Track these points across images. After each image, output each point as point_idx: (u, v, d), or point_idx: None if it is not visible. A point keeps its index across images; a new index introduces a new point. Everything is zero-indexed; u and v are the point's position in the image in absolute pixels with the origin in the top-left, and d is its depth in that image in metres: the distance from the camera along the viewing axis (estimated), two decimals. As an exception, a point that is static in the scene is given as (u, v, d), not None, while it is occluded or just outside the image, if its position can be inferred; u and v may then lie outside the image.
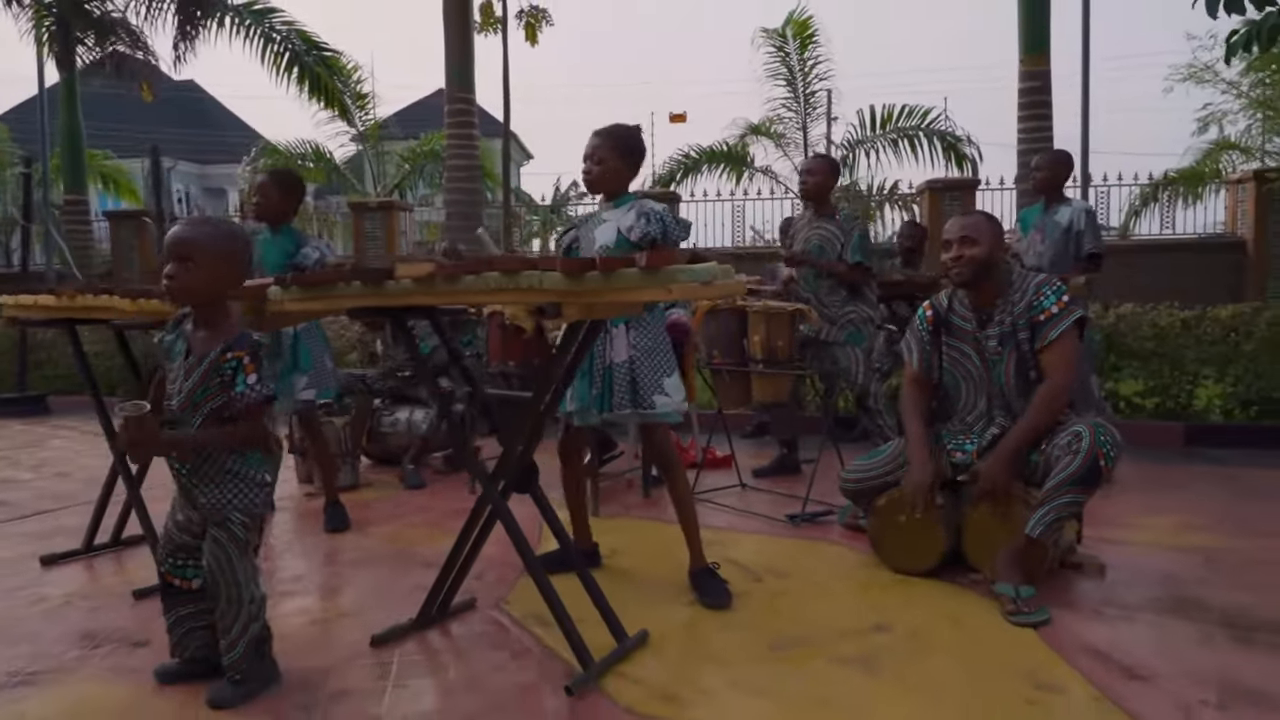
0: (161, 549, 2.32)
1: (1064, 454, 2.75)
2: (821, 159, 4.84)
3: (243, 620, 2.19)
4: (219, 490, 2.20)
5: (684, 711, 2.14)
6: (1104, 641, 2.52)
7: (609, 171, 2.95)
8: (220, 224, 2.39)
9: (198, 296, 2.23)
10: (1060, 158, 4.89)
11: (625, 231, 2.89)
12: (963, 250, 3.00)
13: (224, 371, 2.16)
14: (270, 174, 4.25)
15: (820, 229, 4.49)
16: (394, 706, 2.19)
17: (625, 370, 2.86)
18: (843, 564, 3.31)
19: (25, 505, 4.49)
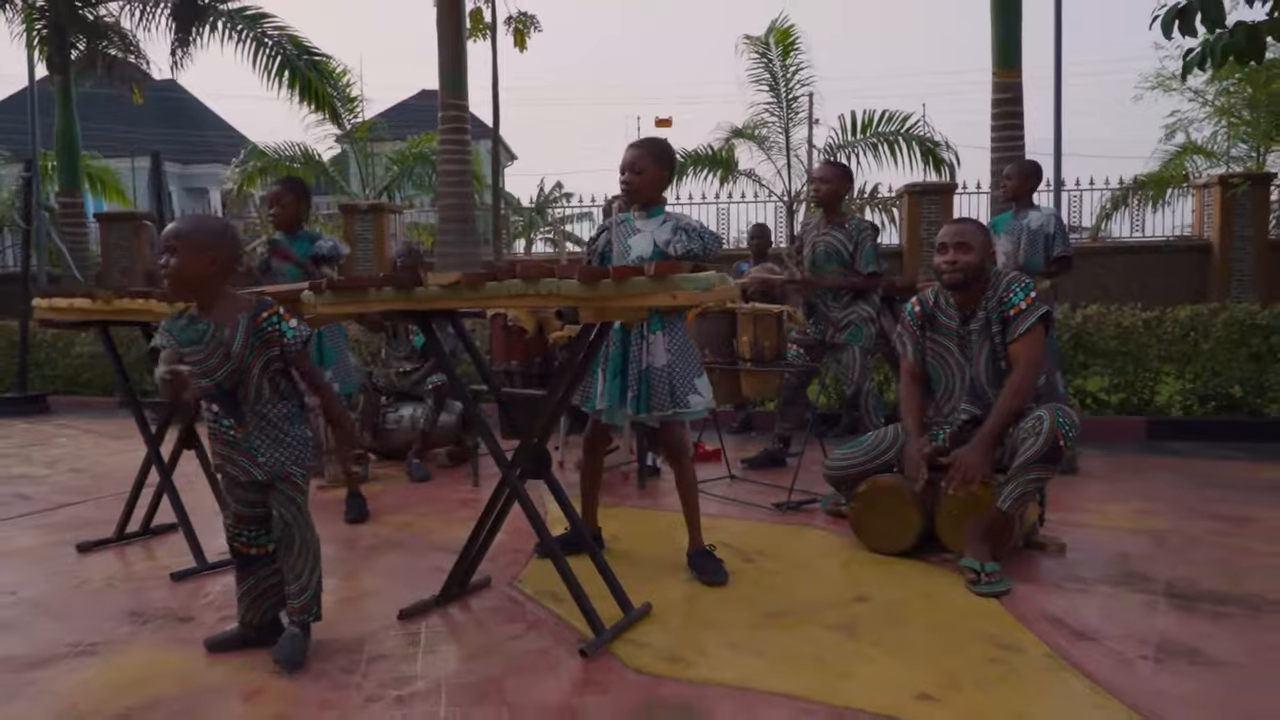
0: (231, 528, 2.55)
1: (1028, 436, 3.04)
2: (833, 166, 4.94)
3: (312, 563, 2.46)
4: (277, 449, 2.45)
5: (688, 670, 2.40)
6: (1060, 610, 2.81)
7: (649, 181, 3.14)
8: (203, 218, 2.58)
9: (190, 283, 2.44)
10: (1029, 168, 5.18)
11: (663, 245, 3.07)
12: (958, 256, 3.28)
13: (265, 330, 2.40)
14: (282, 183, 4.48)
15: (829, 235, 4.71)
16: (427, 668, 2.44)
17: (664, 374, 3.07)
18: (826, 545, 3.59)
19: (48, 499, 4.69)
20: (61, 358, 9.12)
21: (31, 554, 3.65)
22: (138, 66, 12.32)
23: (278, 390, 2.48)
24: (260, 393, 2.46)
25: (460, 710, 2.19)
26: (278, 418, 2.47)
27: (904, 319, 3.58)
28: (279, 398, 2.49)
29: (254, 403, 2.46)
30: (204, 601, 3.03)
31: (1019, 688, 2.27)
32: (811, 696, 2.23)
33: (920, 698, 2.21)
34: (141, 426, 3.68)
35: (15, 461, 5.84)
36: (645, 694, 2.27)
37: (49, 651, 2.59)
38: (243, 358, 2.42)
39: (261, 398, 2.46)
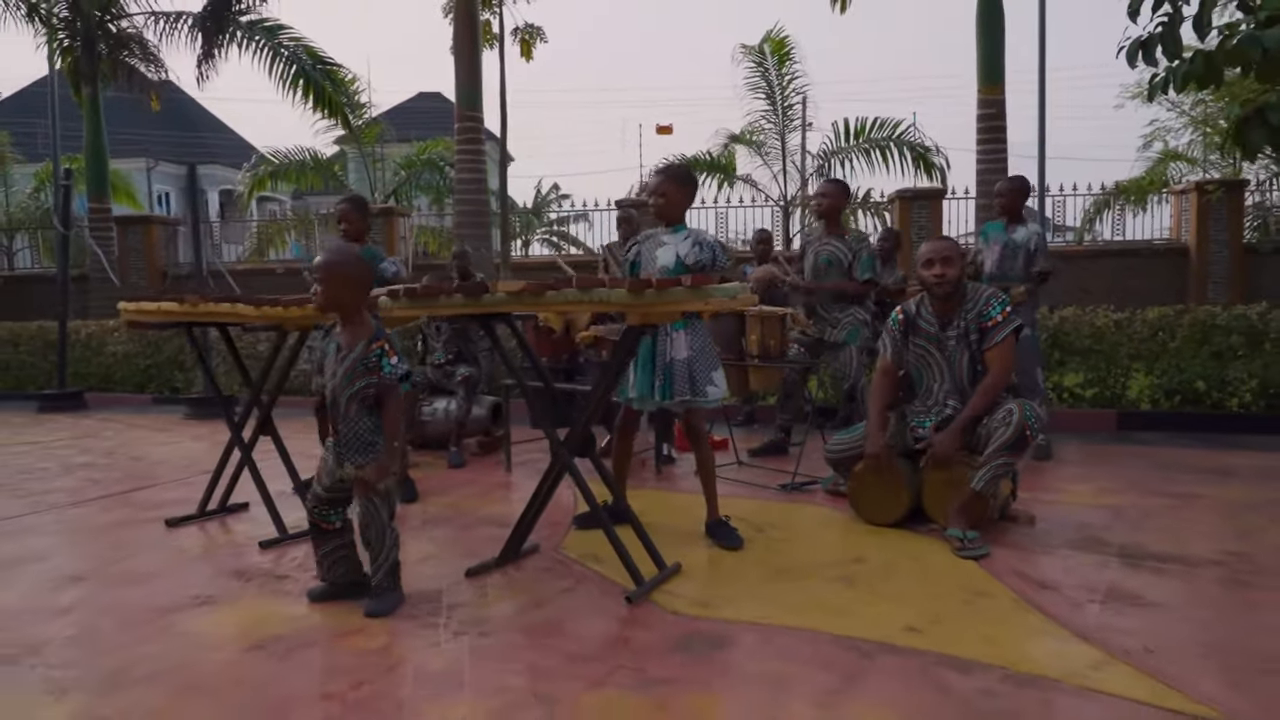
0: (313, 504, 3.02)
1: (999, 426, 3.55)
2: (834, 183, 5.41)
3: (385, 551, 2.93)
4: (360, 455, 2.93)
5: (716, 612, 2.90)
6: (1026, 567, 3.32)
7: (672, 203, 3.68)
8: (342, 252, 3.04)
9: (334, 306, 2.96)
10: (1019, 185, 5.67)
11: (683, 257, 3.63)
12: (945, 270, 3.78)
13: (369, 360, 2.88)
14: (348, 201, 4.91)
15: (830, 245, 5.18)
16: (498, 612, 2.93)
17: (685, 366, 3.58)
18: (826, 519, 4.10)
19: (119, 483, 5.16)
20: (95, 356, 9.59)
21: (125, 528, 4.12)
22: (158, 76, 12.76)
23: (366, 409, 2.91)
24: (349, 410, 2.91)
25: (533, 640, 2.69)
26: (364, 429, 2.92)
27: (888, 325, 4.09)
28: (367, 415, 2.92)
29: (345, 417, 2.93)
30: (294, 564, 3.52)
31: (988, 622, 2.78)
32: (818, 629, 2.73)
33: (907, 629, 2.71)
34: (227, 415, 4.13)
35: (75, 452, 6.31)
36: (683, 629, 2.76)
37: (175, 602, 3.07)
38: (344, 377, 2.90)
39: (350, 414, 2.92)
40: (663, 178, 3.69)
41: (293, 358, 4.06)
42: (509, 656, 2.58)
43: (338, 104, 13.37)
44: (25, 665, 2.56)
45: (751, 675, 2.43)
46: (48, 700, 2.33)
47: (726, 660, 2.54)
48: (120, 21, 12.10)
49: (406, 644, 2.68)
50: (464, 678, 2.43)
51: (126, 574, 3.41)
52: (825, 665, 2.48)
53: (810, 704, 2.24)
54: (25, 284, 15.15)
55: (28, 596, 3.18)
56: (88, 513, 4.45)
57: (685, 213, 3.77)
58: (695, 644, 2.64)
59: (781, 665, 2.49)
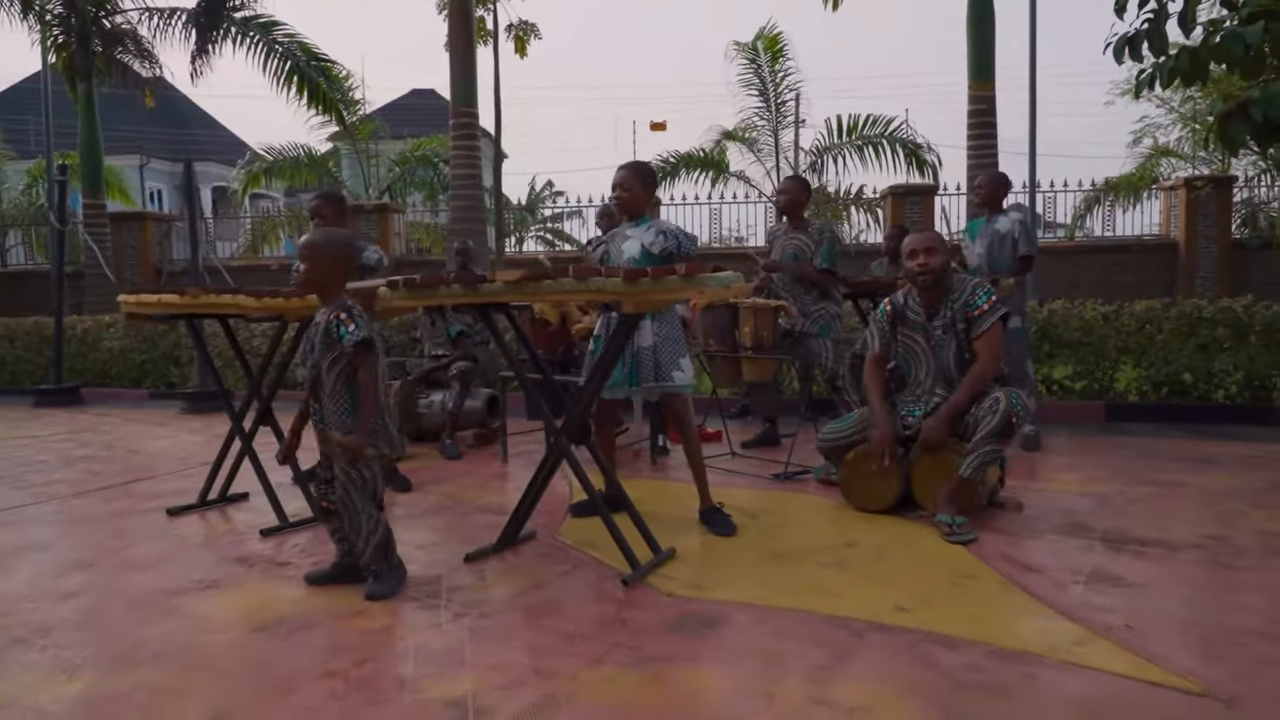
0: (315, 483, 3.09)
1: (986, 414, 3.62)
2: (792, 180, 5.63)
3: (364, 534, 2.97)
4: (339, 431, 2.97)
5: (710, 594, 2.97)
6: (1013, 551, 3.40)
7: (635, 198, 3.78)
8: (328, 234, 3.11)
9: (314, 285, 3.01)
10: (998, 178, 5.77)
11: (648, 246, 3.71)
12: (928, 260, 3.86)
13: (331, 332, 2.93)
14: (321, 197, 4.98)
15: (795, 239, 5.33)
16: (496, 595, 3.00)
17: (650, 353, 3.67)
18: (819, 507, 4.17)
19: (119, 475, 5.21)
20: (90, 351, 9.61)
21: (126, 518, 4.17)
22: (152, 72, 12.76)
23: (344, 382, 2.95)
24: (328, 383, 2.97)
25: (532, 621, 2.76)
26: (342, 403, 2.96)
27: (874, 316, 4.17)
28: (344, 388, 2.95)
29: (325, 390, 2.99)
30: (295, 550, 3.58)
31: (975, 602, 2.85)
32: (811, 610, 2.80)
33: (896, 609, 2.78)
34: (227, 405, 4.17)
35: (73, 445, 6.35)
36: (678, 610, 2.83)
37: (180, 587, 3.13)
38: (319, 351, 2.96)
39: (329, 388, 2.97)
40: (627, 173, 3.78)
41: (292, 349, 4.11)
42: (508, 636, 2.64)
43: (332, 101, 13.40)
44: (36, 646, 2.61)
45: (745, 652, 2.50)
46: (60, 678, 2.39)
47: (720, 639, 2.61)
48: (114, 17, 12.11)
49: (408, 625, 2.75)
50: (465, 656, 2.49)
51: (130, 561, 3.47)
52: (817, 643, 2.55)
53: (803, 679, 2.31)
54: (19, 280, 15.16)
55: (34, 582, 3.23)
56: (89, 503, 4.50)
57: (647, 207, 3.86)
58: (689, 624, 2.71)
59: (774, 643, 2.56)
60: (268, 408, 4.12)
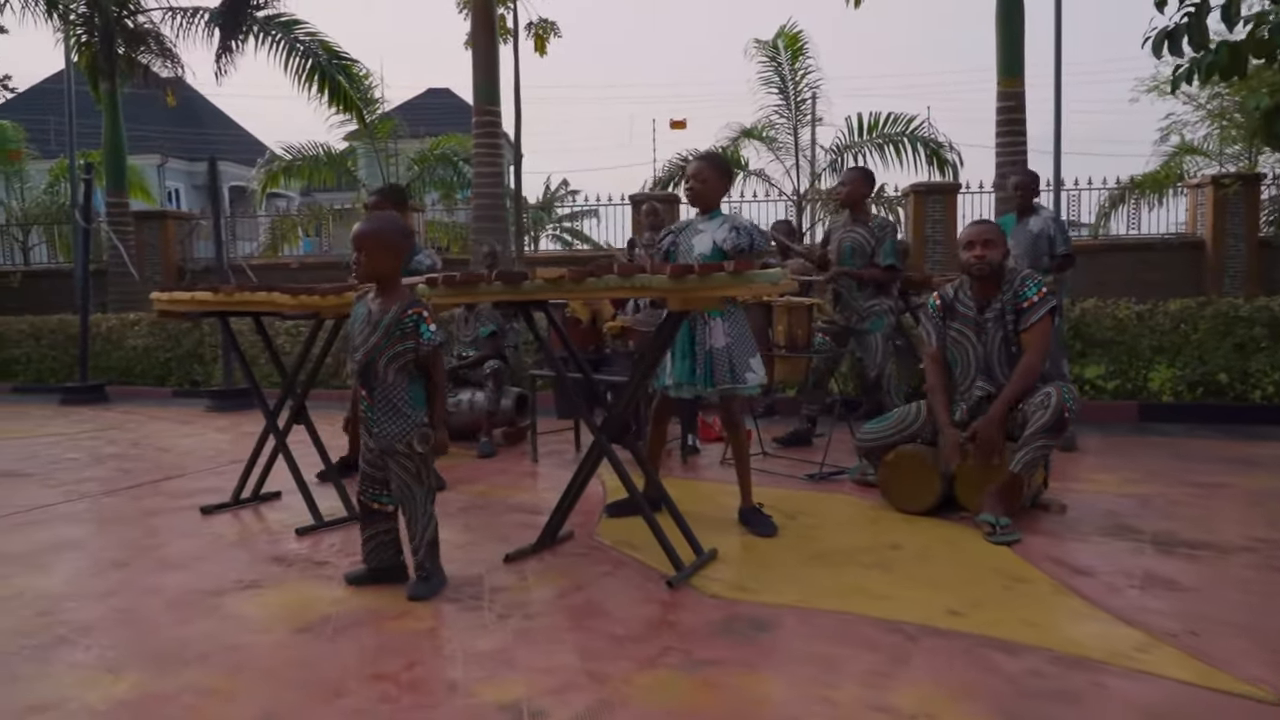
0: (361, 484, 3.06)
1: (1037, 409, 3.56)
2: (856, 170, 5.43)
3: (421, 528, 2.95)
4: (389, 423, 2.94)
5: (755, 596, 2.92)
6: (1061, 553, 3.34)
7: (710, 189, 3.70)
8: (383, 220, 3.06)
9: (373, 275, 2.98)
10: (1031, 180, 5.71)
11: (720, 243, 3.63)
12: (985, 251, 3.79)
13: (405, 325, 2.90)
14: (381, 192, 5.00)
15: (854, 233, 5.19)
16: (540, 596, 2.96)
17: (724, 354, 3.59)
18: (857, 507, 4.11)
19: (149, 473, 5.20)
20: (115, 350, 9.64)
21: (160, 516, 4.16)
22: (174, 72, 12.81)
23: (404, 375, 2.93)
24: (386, 375, 2.94)
25: (577, 623, 2.72)
26: (398, 399, 2.94)
27: (926, 310, 4.10)
28: (404, 382, 2.94)
29: (381, 382, 2.95)
30: (332, 550, 3.55)
31: (1029, 606, 2.80)
32: (860, 612, 2.75)
33: (949, 613, 2.73)
34: (261, 403, 4.15)
35: (102, 443, 6.36)
36: (724, 612, 2.79)
37: (219, 586, 3.10)
38: (379, 342, 2.93)
39: (386, 380, 2.94)
40: (703, 163, 3.71)
41: (327, 347, 4.09)
42: (556, 638, 2.61)
43: (353, 99, 13.40)
44: (80, 645, 2.59)
45: (797, 656, 2.46)
46: (106, 678, 2.37)
47: (771, 642, 2.56)
48: (137, 17, 12.16)
49: (453, 626, 2.71)
50: (514, 658, 2.46)
51: (166, 559, 3.45)
52: (870, 647, 2.50)
53: (860, 684, 2.27)
54: (42, 279, 15.25)
55: (72, 581, 3.22)
56: (121, 501, 4.50)
57: (721, 199, 3.79)
58: (737, 626, 2.67)
59: (826, 647, 2.51)
60: (302, 406, 4.10)
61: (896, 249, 5.10)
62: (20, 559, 3.47)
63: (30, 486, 4.87)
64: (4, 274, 15.12)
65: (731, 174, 3.79)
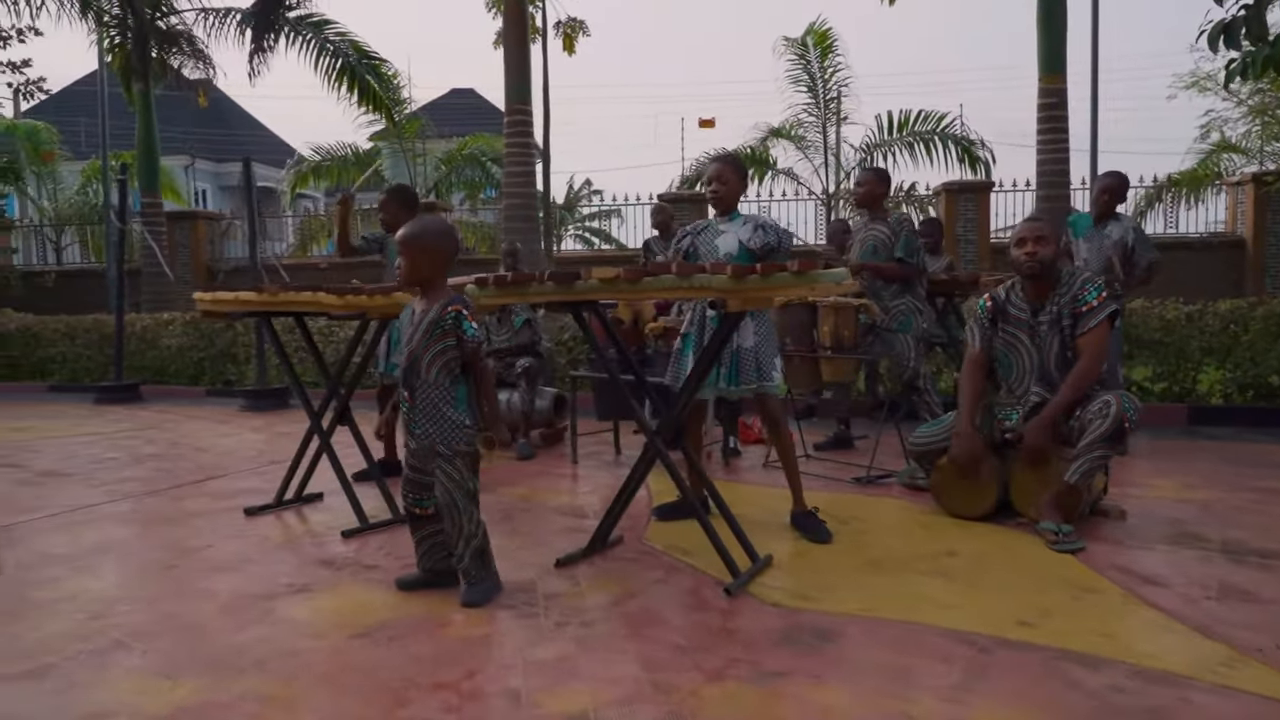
0: (404, 489, 3.00)
1: (1095, 418, 3.46)
2: (869, 171, 5.40)
3: (464, 536, 2.89)
4: (430, 426, 2.88)
5: (816, 604, 2.85)
6: (1127, 562, 3.24)
7: (731, 191, 3.67)
8: (428, 223, 3.02)
9: (415, 277, 2.94)
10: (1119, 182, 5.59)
11: (746, 242, 3.59)
12: (1037, 248, 3.69)
13: (445, 323, 2.84)
14: (389, 192, 4.99)
15: (874, 231, 5.12)
16: (594, 603, 2.90)
17: (751, 353, 3.55)
18: (908, 512, 4.03)
19: (190, 473, 5.20)
20: (149, 349, 9.70)
21: (204, 518, 4.14)
22: (206, 73, 12.89)
23: (446, 375, 2.87)
24: (428, 375, 2.89)
25: (637, 631, 2.65)
26: (438, 399, 2.88)
27: (974, 312, 4.01)
28: (446, 382, 2.88)
29: (423, 382, 2.90)
30: (380, 553, 3.51)
31: (1102, 617, 2.71)
32: (926, 622, 2.67)
33: (1020, 624, 2.64)
34: (304, 404, 4.12)
35: (140, 443, 6.37)
36: (785, 621, 2.72)
37: (271, 589, 3.07)
38: (421, 340, 2.88)
39: (428, 380, 2.89)
40: (723, 164, 3.68)
41: (371, 348, 4.06)
42: (617, 647, 2.55)
43: (382, 99, 13.41)
44: (136, 650, 2.56)
45: (868, 668, 2.38)
46: (164, 684, 2.34)
47: (838, 653, 2.49)
48: (170, 18, 12.24)
49: (509, 633, 2.66)
50: (576, 667, 2.40)
51: (215, 562, 3.42)
52: (942, 659, 2.42)
53: (938, 698, 2.19)
54: (75, 279, 15.39)
55: (122, 583, 3.20)
56: (164, 502, 4.49)
57: (739, 201, 3.76)
58: (801, 636, 2.60)
59: (896, 658, 2.43)
60: (346, 407, 4.07)
61: (911, 244, 4.98)
62: (68, 560, 3.45)
63: (72, 486, 4.88)
64: (38, 273, 15.29)
65: (748, 173, 3.79)
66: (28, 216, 19.76)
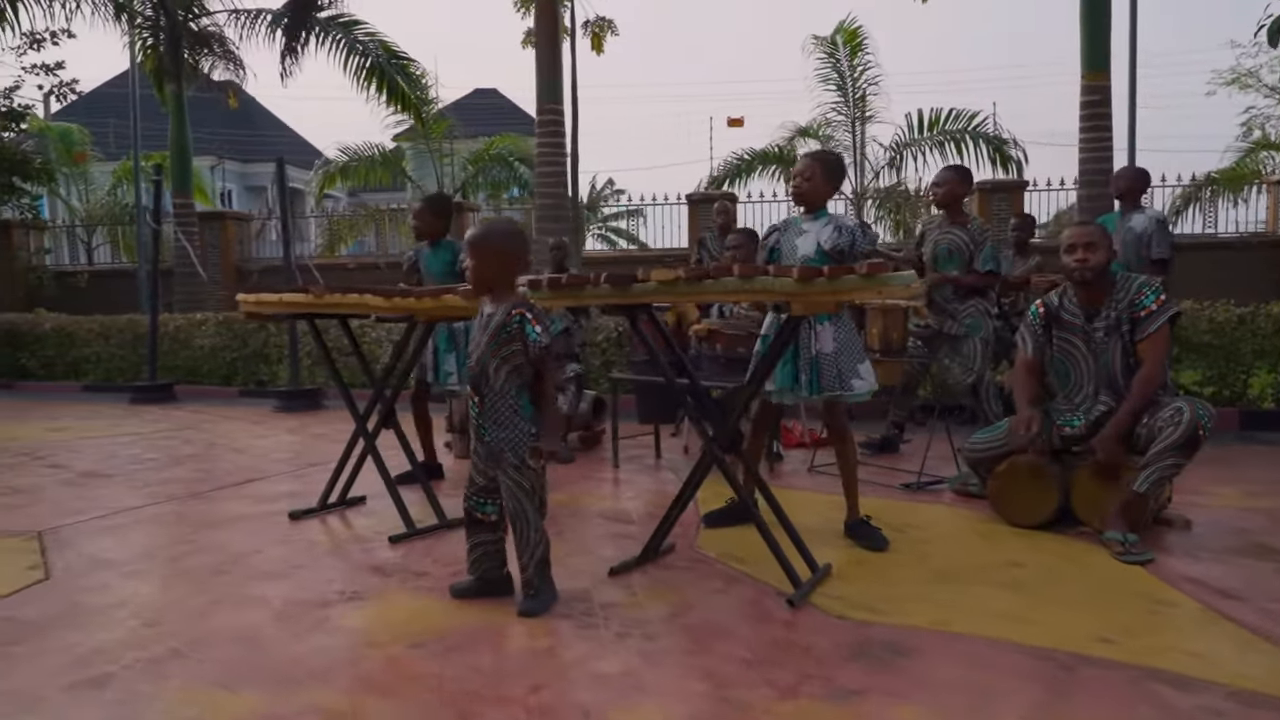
0: (467, 491, 2.94)
1: (1167, 425, 3.35)
2: (950, 170, 5.14)
3: (530, 545, 2.83)
4: (499, 430, 2.82)
5: (884, 617, 2.77)
6: (1199, 574, 3.13)
7: (816, 189, 3.55)
8: (496, 226, 2.97)
9: (485, 281, 2.88)
10: (1134, 173, 5.48)
11: (823, 243, 3.50)
12: (1087, 255, 3.60)
13: (511, 327, 2.79)
14: (424, 201, 4.99)
15: (951, 234, 4.96)
16: (653, 613, 2.83)
17: (832, 360, 3.46)
18: (964, 520, 3.93)
19: (229, 475, 5.17)
20: (182, 349, 9.73)
21: (249, 521, 4.10)
22: (236, 74, 12.96)
23: (514, 380, 2.82)
24: (496, 379, 2.83)
25: (701, 644, 2.58)
26: (506, 407, 2.82)
27: (1026, 318, 3.91)
28: (515, 387, 2.82)
29: (490, 388, 2.85)
30: (428, 559, 3.46)
31: (1184, 634, 2.61)
32: (1001, 637, 2.59)
33: (1100, 640, 2.55)
34: (354, 414, 4.06)
35: (178, 443, 6.37)
36: (854, 635, 2.64)
37: (324, 597, 3.03)
38: (487, 345, 2.83)
39: (495, 384, 2.83)
40: (811, 160, 3.58)
41: (418, 350, 4.01)
42: (682, 661, 2.48)
43: (410, 99, 13.40)
44: (193, 660, 2.52)
45: (948, 685, 2.30)
46: (224, 696, 2.29)
47: (914, 669, 2.40)
48: (201, 20, 12.30)
49: (571, 645, 2.60)
50: (643, 682, 2.33)
51: (265, 568, 3.38)
52: (1024, 676, 2.34)
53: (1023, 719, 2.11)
54: (106, 279, 15.51)
55: (174, 590, 3.16)
56: (207, 505, 4.46)
57: (827, 201, 3.64)
58: (874, 650, 2.52)
59: (975, 675, 2.35)
60: (391, 410, 4.02)
61: (996, 254, 4.86)
62: (118, 565, 3.43)
63: (114, 488, 4.87)
64: (71, 274, 15.42)
65: (842, 173, 3.65)
66: (59, 217, 19.95)
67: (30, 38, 12.86)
